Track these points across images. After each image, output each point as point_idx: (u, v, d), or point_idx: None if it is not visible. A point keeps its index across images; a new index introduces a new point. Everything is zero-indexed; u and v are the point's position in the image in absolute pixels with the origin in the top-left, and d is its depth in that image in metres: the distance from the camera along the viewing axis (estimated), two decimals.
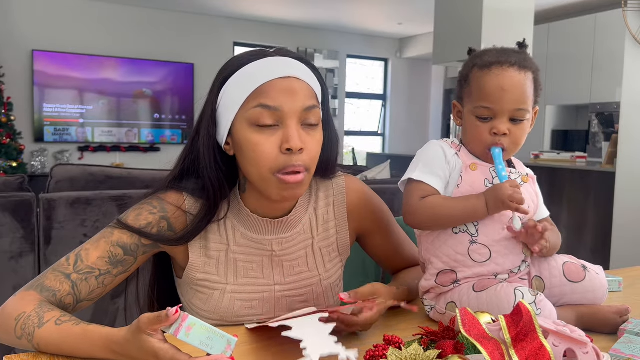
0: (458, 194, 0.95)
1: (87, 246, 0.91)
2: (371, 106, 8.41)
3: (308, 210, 1.03)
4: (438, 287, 0.98)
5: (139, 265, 0.95)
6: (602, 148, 4.53)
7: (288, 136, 0.88)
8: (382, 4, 6.25)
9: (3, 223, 1.99)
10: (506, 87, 0.94)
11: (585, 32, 5.58)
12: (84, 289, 0.88)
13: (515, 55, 0.97)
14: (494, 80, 0.95)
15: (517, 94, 0.94)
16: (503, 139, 0.95)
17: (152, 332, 0.69)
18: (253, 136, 0.88)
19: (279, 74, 0.89)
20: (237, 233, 0.97)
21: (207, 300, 0.96)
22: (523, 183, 0.99)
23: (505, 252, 0.95)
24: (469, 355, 0.72)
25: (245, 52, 0.94)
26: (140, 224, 0.92)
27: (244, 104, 0.89)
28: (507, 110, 0.94)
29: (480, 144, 0.97)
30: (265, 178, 0.89)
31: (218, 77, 0.94)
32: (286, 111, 0.88)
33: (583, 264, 0.99)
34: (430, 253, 0.99)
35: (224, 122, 0.92)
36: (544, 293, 0.97)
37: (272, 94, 0.88)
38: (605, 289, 0.98)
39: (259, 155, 0.88)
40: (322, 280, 1.03)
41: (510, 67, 0.95)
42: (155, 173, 2.37)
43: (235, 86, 0.90)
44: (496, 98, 0.94)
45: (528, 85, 0.95)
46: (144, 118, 6.63)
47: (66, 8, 6.11)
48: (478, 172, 0.97)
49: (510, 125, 0.95)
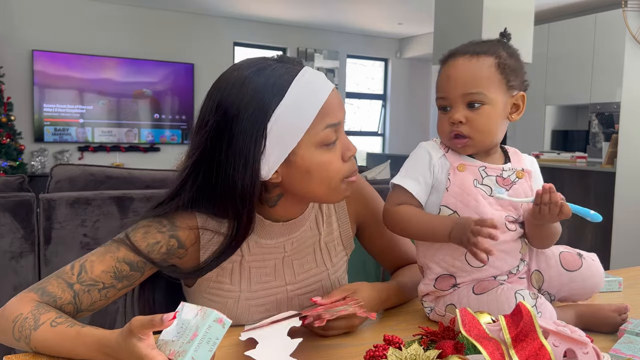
0: (449, 197, 0.93)
1: (92, 258, 0.88)
2: (371, 106, 8.41)
3: (314, 207, 1.03)
4: (437, 291, 0.98)
5: (145, 278, 0.92)
6: (602, 148, 4.53)
7: (348, 144, 0.91)
8: (382, 4, 6.25)
9: (3, 223, 1.99)
10: (452, 74, 0.95)
11: (585, 32, 5.58)
12: (86, 300, 0.86)
13: (476, 45, 0.96)
14: (443, 71, 0.97)
15: (464, 79, 0.93)
16: (461, 127, 0.93)
17: (143, 337, 0.68)
18: (324, 156, 0.88)
19: (329, 88, 0.89)
20: (251, 243, 0.96)
21: (221, 308, 0.94)
22: (517, 179, 0.95)
23: (503, 256, 0.94)
24: (469, 355, 0.72)
25: (259, 73, 0.86)
26: (148, 241, 0.89)
27: (309, 129, 0.85)
28: (457, 96, 0.93)
29: (443, 135, 0.97)
30: (335, 188, 0.91)
31: (254, 109, 0.84)
32: (342, 123, 0.91)
33: (578, 252, 1.00)
34: (427, 259, 0.98)
35: (277, 152, 0.85)
36: (543, 286, 0.98)
37: (332, 111, 0.88)
38: (602, 275, 0.99)
39: (332, 171, 0.89)
40: (330, 275, 1.04)
41: (460, 57, 0.95)
42: (155, 173, 2.37)
43: (292, 113, 0.84)
44: (445, 86, 0.95)
45: (480, 69, 0.93)
46: (144, 118, 6.63)
47: (66, 8, 6.11)
48: (467, 173, 0.94)
49: (468, 112, 0.93)
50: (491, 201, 0.93)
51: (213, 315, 0.67)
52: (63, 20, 6.10)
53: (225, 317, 0.68)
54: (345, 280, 1.09)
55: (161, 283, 1.08)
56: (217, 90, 0.88)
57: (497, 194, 0.92)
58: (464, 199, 0.92)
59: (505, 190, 0.93)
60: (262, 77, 0.85)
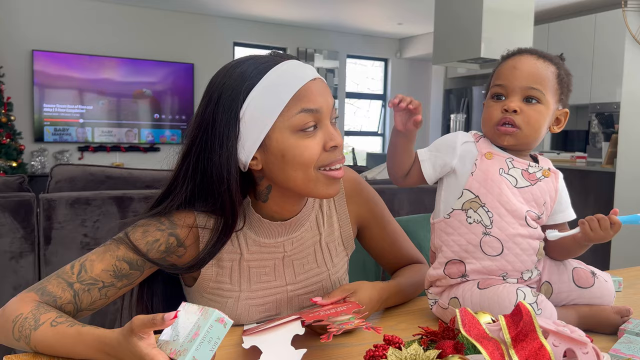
0: (473, 181, 0.95)
1: (92, 257, 0.88)
2: (371, 106, 8.41)
3: (314, 206, 1.03)
4: (445, 278, 0.97)
5: (145, 277, 0.93)
6: (602, 148, 4.53)
7: (331, 134, 0.90)
8: (382, 4, 6.25)
9: (3, 223, 1.99)
10: (518, 65, 0.97)
11: (585, 32, 5.58)
12: (86, 299, 0.86)
13: (542, 51, 1.00)
14: (509, 62, 0.99)
15: (529, 72, 0.96)
16: (514, 116, 0.95)
17: (144, 336, 0.68)
18: (299, 142, 0.87)
19: (310, 76, 0.89)
20: (249, 241, 0.96)
21: (221, 308, 0.94)
22: (543, 177, 0.97)
23: (518, 251, 0.94)
24: (469, 355, 0.72)
25: (244, 63, 0.89)
26: (147, 240, 0.89)
27: (283, 111, 0.86)
28: (519, 87, 0.96)
29: (490, 121, 0.98)
30: (312, 178, 0.89)
31: (231, 93, 0.87)
32: (324, 111, 0.89)
33: (592, 270, 0.98)
34: (441, 240, 0.98)
35: (252, 137, 0.87)
36: (551, 298, 0.97)
37: (310, 96, 0.87)
38: (612, 297, 0.97)
39: (308, 157, 0.88)
40: (331, 275, 1.04)
41: (529, 55, 0.98)
42: (155, 173, 2.37)
43: (266, 96, 0.86)
44: (508, 75, 0.97)
45: (545, 71, 0.96)
46: (144, 118, 6.63)
47: (66, 8, 6.11)
48: (493, 161, 0.96)
49: (523, 104, 0.96)
50: (515, 192, 0.94)
51: (214, 315, 0.67)
52: (63, 20, 6.10)
53: (226, 317, 0.68)
54: (346, 280, 1.09)
55: (161, 283, 1.07)
56: (208, 82, 0.92)
57: (550, 235, 0.94)
58: (487, 185, 0.94)
59: (557, 231, 0.94)
60: (244, 66, 0.88)
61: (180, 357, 0.66)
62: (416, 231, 1.40)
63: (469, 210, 0.95)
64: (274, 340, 0.81)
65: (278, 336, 0.81)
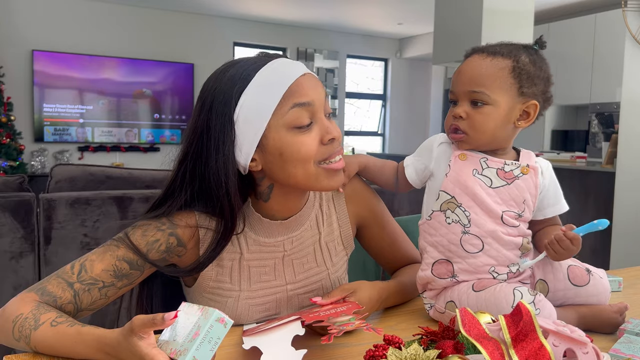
0: (448, 182, 0.95)
1: (92, 257, 0.88)
2: (371, 106, 8.41)
3: (314, 206, 1.03)
4: (435, 279, 0.97)
5: (145, 277, 0.93)
6: (602, 148, 4.52)
7: (328, 127, 0.90)
8: (382, 4, 6.25)
9: (3, 223, 1.99)
10: (462, 69, 0.97)
11: (585, 32, 5.58)
12: (86, 299, 0.86)
13: (499, 45, 0.97)
14: (460, 65, 0.99)
15: (471, 75, 0.94)
16: (460, 122, 0.95)
17: (144, 335, 0.68)
18: (296, 138, 0.87)
19: (300, 72, 0.89)
20: (249, 240, 0.96)
21: (221, 308, 0.94)
22: (522, 174, 0.96)
23: (497, 246, 0.94)
24: (469, 355, 0.72)
25: (233, 66, 0.89)
26: (147, 240, 0.89)
27: (276, 110, 0.86)
28: (462, 92, 0.95)
29: (446, 127, 0.99)
30: (312, 173, 0.89)
31: (222, 98, 0.86)
32: (317, 104, 0.89)
33: (587, 267, 0.98)
34: (426, 241, 0.99)
35: (248, 139, 0.87)
36: (547, 296, 0.96)
37: (301, 91, 0.87)
38: (608, 293, 0.97)
39: (306, 153, 0.87)
40: (330, 275, 1.04)
41: (477, 54, 0.97)
42: (155, 173, 2.37)
43: (258, 97, 0.86)
44: (455, 81, 0.97)
45: (491, 69, 0.93)
46: (144, 118, 6.63)
47: (66, 8, 6.11)
48: (467, 162, 0.96)
49: (470, 109, 0.95)
50: (490, 192, 0.94)
51: (215, 315, 0.67)
52: (63, 20, 6.10)
53: (227, 317, 0.68)
54: (345, 280, 1.09)
55: (161, 283, 1.07)
56: (201, 88, 0.92)
57: (522, 265, 0.95)
58: (461, 186, 0.95)
59: (528, 259, 0.96)
60: (233, 70, 0.88)
61: (180, 357, 0.66)
62: (416, 231, 1.39)
63: (447, 211, 0.95)
64: (274, 341, 0.81)
65: (278, 336, 0.81)
